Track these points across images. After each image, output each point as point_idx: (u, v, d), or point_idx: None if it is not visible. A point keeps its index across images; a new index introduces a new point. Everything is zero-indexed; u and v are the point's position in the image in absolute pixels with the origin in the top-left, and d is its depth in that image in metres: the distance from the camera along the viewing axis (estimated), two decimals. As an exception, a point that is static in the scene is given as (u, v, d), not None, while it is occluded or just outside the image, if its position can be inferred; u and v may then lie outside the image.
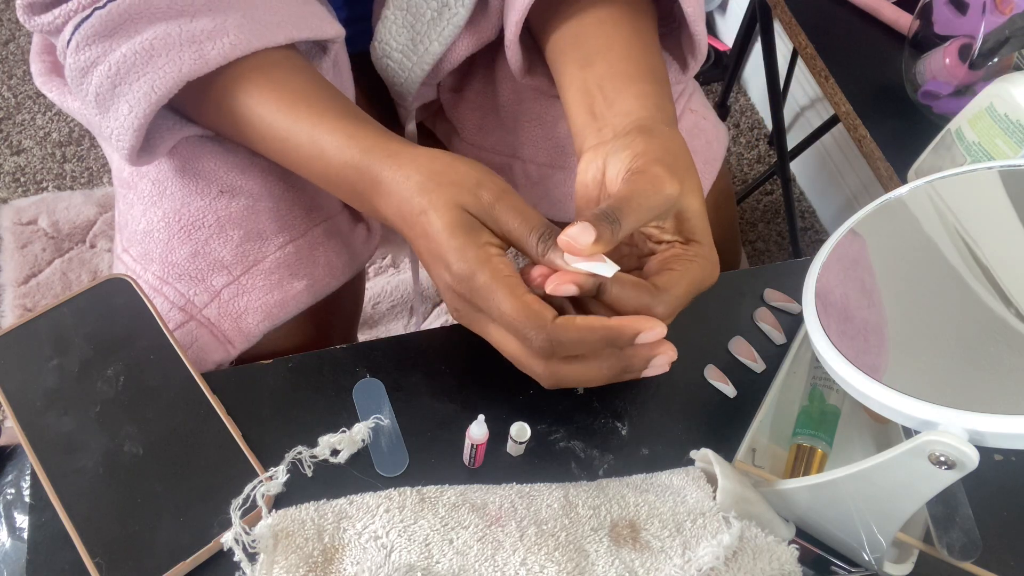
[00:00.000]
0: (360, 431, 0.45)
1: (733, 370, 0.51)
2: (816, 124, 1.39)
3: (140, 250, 0.54)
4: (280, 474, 0.43)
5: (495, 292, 0.39)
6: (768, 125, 1.65)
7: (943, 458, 0.33)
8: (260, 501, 0.42)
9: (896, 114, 0.75)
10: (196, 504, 0.42)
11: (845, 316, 0.41)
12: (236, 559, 0.40)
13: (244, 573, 0.40)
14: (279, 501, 0.43)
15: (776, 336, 0.53)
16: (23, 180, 1.49)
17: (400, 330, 1.34)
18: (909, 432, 0.44)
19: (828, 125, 1.35)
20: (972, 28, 0.69)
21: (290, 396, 0.48)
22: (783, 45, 1.46)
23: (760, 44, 1.22)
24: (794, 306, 0.54)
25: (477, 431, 0.43)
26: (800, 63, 1.42)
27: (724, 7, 1.73)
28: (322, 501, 0.42)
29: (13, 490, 0.52)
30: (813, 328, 0.41)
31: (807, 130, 1.43)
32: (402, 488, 0.43)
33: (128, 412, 0.44)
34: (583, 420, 0.48)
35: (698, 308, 0.52)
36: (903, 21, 0.80)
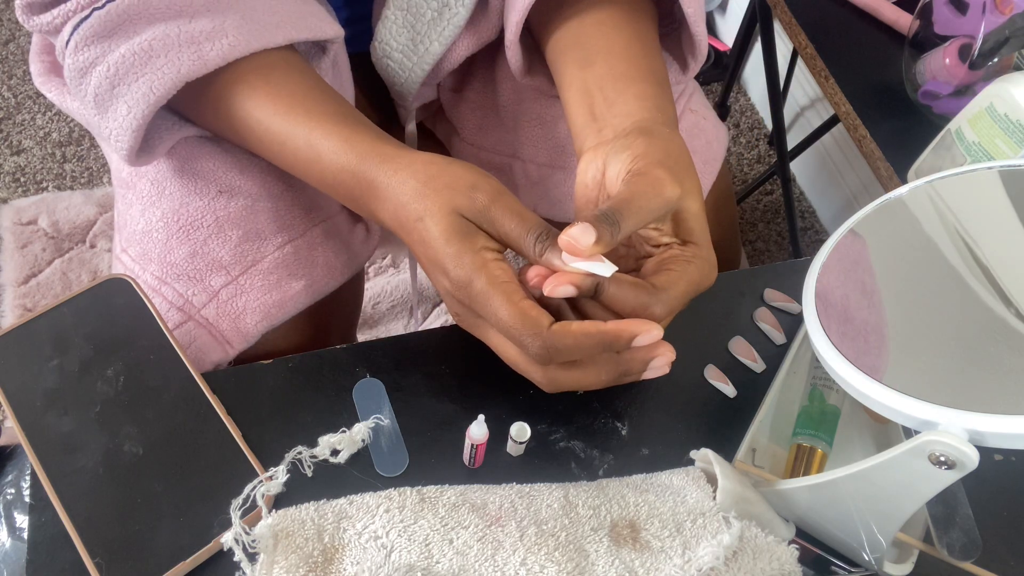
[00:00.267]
0: (360, 431, 0.45)
1: (733, 370, 0.51)
2: (816, 124, 1.39)
3: (139, 250, 0.54)
4: (280, 474, 0.43)
5: (492, 299, 0.39)
6: (768, 125, 1.65)
7: (943, 458, 0.33)
8: (260, 501, 0.42)
9: (896, 114, 0.75)
10: (196, 504, 0.42)
11: (845, 316, 0.41)
12: (236, 559, 0.40)
13: (244, 573, 0.40)
14: (279, 501, 0.43)
15: (776, 336, 0.53)
16: (23, 180, 1.49)
17: (400, 330, 1.34)
18: (909, 432, 0.44)
19: (828, 125, 1.35)
20: (972, 28, 0.69)
21: (290, 396, 0.48)
22: (783, 45, 1.46)
23: (760, 44, 1.22)
24: (794, 306, 0.54)
25: (477, 431, 0.43)
26: (800, 63, 1.42)
27: (724, 7, 1.73)
28: (322, 501, 0.42)
29: (13, 490, 0.52)
30: (813, 328, 0.41)
31: (807, 130, 1.43)
32: (402, 488, 0.43)
33: (128, 412, 0.44)
34: (583, 420, 0.48)
35: (698, 308, 0.52)
36: (903, 21, 0.80)
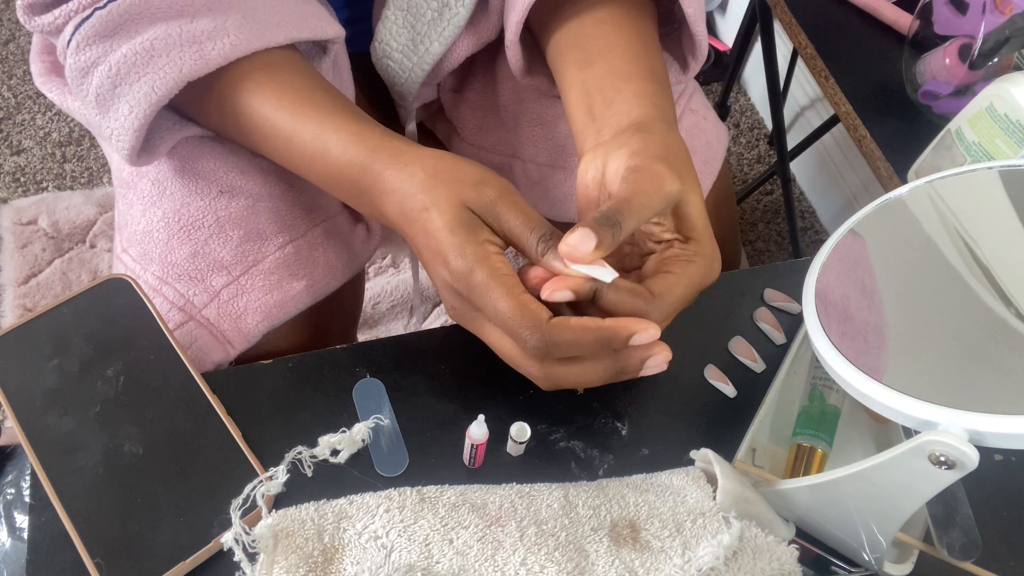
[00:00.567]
0: (360, 431, 0.45)
1: (733, 370, 0.51)
2: (816, 124, 1.39)
3: (139, 250, 0.54)
4: (280, 474, 0.43)
5: (492, 290, 0.39)
6: (768, 125, 1.65)
7: (943, 458, 0.33)
8: (260, 501, 0.42)
9: (896, 114, 0.75)
10: (196, 504, 0.42)
11: (845, 316, 0.41)
12: (236, 559, 0.40)
13: (244, 573, 0.40)
14: (279, 501, 0.43)
15: (776, 336, 0.53)
16: (23, 180, 1.49)
17: (400, 330, 1.34)
18: (909, 432, 0.44)
19: (828, 125, 1.35)
20: (972, 28, 0.69)
21: (290, 396, 0.48)
22: (783, 45, 1.46)
23: (760, 44, 1.22)
24: (794, 306, 0.54)
25: (477, 431, 0.43)
26: (800, 63, 1.42)
27: (724, 7, 1.73)
28: (322, 501, 0.42)
29: (13, 490, 0.52)
30: (813, 328, 0.41)
31: (807, 130, 1.43)
32: (402, 488, 0.43)
33: (128, 412, 0.44)
34: (583, 420, 0.48)
35: (698, 308, 0.52)
36: (903, 21, 0.80)
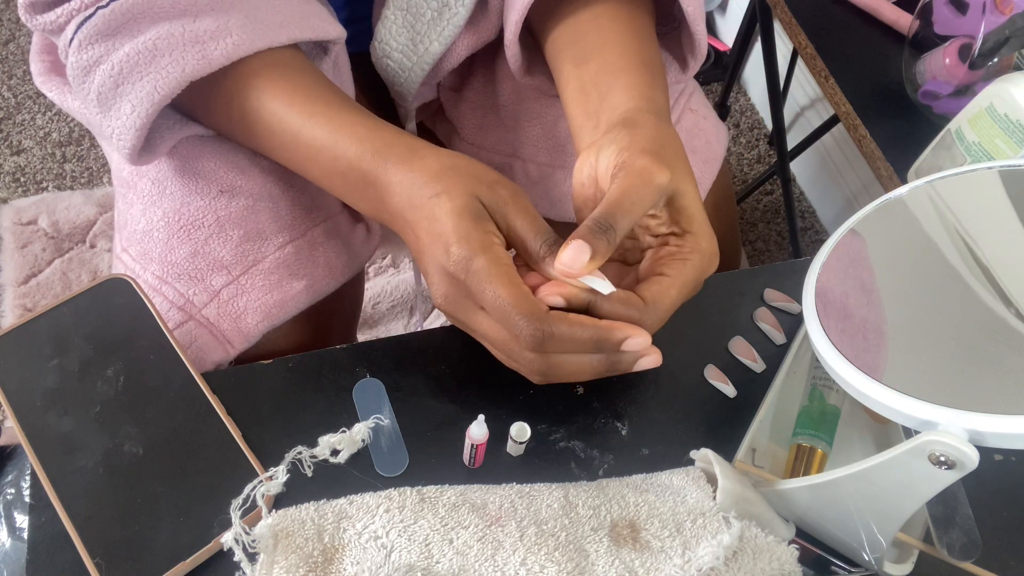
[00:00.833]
0: (360, 431, 0.45)
1: (733, 370, 0.51)
2: (816, 124, 1.39)
3: (139, 249, 0.54)
4: (280, 474, 0.43)
5: (493, 277, 0.39)
6: (768, 125, 1.65)
7: (943, 458, 0.33)
8: (260, 501, 0.42)
9: (896, 114, 0.75)
10: (196, 504, 0.42)
11: (845, 316, 0.41)
12: (236, 559, 0.40)
13: (244, 573, 0.40)
14: (279, 501, 0.43)
15: (776, 336, 0.53)
16: (23, 180, 1.49)
17: (400, 330, 1.34)
18: (909, 432, 0.44)
19: (828, 125, 1.35)
20: (972, 28, 0.69)
21: (290, 396, 0.48)
22: (783, 45, 1.46)
23: (760, 44, 1.22)
24: (794, 306, 0.54)
25: (477, 431, 0.43)
26: (800, 63, 1.42)
27: (724, 7, 1.73)
28: (322, 501, 0.42)
29: (13, 490, 0.52)
30: (813, 328, 0.41)
31: (807, 130, 1.43)
32: (402, 488, 0.43)
33: (128, 412, 0.44)
34: (583, 420, 0.48)
35: (698, 308, 0.52)
36: (903, 21, 0.80)
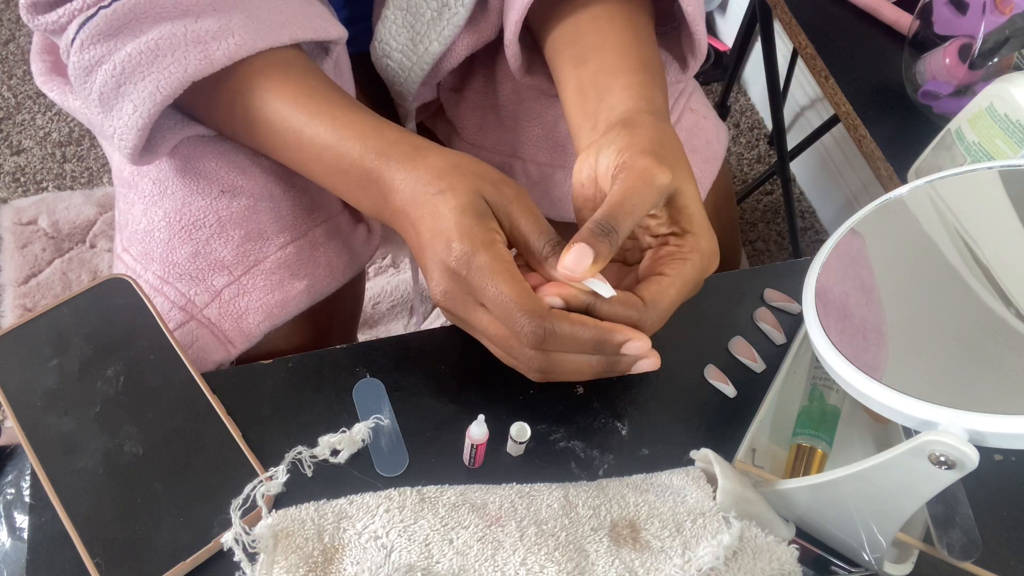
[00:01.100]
0: (360, 431, 0.45)
1: (733, 370, 0.51)
2: (816, 124, 1.39)
3: (141, 249, 0.54)
4: (280, 474, 0.43)
5: (496, 273, 0.39)
6: (768, 125, 1.65)
7: (943, 458, 0.33)
8: (260, 501, 0.42)
9: (896, 114, 0.75)
10: (196, 504, 0.42)
11: (845, 316, 0.41)
12: (236, 559, 0.40)
13: (244, 573, 0.40)
14: (279, 501, 0.43)
15: (776, 336, 0.53)
16: (23, 180, 1.49)
17: (400, 330, 1.34)
18: (909, 432, 0.44)
19: (828, 125, 1.35)
20: (972, 28, 0.69)
21: (290, 396, 0.48)
22: (783, 45, 1.46)
23: (760, 44, 1.22)
24: (794, 306, 0.54)
25: (477, 431, 0.43)
26: (800, 63, 1.42)
27: (724, 7, 1.73)
28: (322, 501, 0.42)
29: (13, 490, 0.52)
30: (813, 328, 0.41)
31: (807, 130, 1.43)
32: (402, 488, 0.43)
33: (128, 412, 0.44)
34: (583, 420, 0.48)
35: (698, 308, 0.52)
36: (903, 21, 0.80)
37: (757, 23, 1.23)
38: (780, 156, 1.28)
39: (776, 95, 1.22)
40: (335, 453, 0.45)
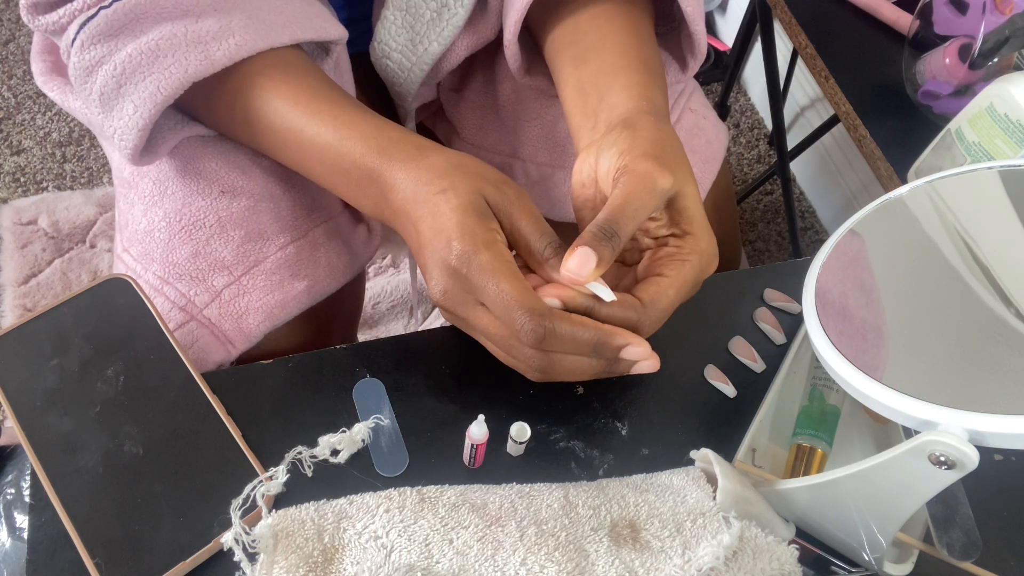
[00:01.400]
0: (360, 431, 0.45)
1: (733, 370, 0.51)
2: (816, 124, 1.39)
3: (141, 250, 0.54)
4: (280, 474, 0.43)
5: (496, 272, 0.39)
6: (768, 125, 1.65)
7: (943, 458, 0.33)
8: (260, 501, 0.42)
9: (896, 114, 0.75)
10: (196, 504, 0.42)
11: (845, 316, 0.41)
12: (236, 559, 0.40)
13: (244, 573, 0.40)
14: (279, 501, 0.43)
15: (776, 336, 0.53)
16: (23, 180, 1.49)
17: (400, 330, 1.34)
18: (909, 432, 0.44)
19: (828, 125, 1.35)
20: (972, 28, 0.69)
21: (290, 396, 0.48)
22: (783, 45, 1.46)
23: (760, 44, 1.22)
24: (794, 306, 0.54)
25: (477, 431, 0.43)
26: (800, 63, 1.42)
27: (724, 7, 1.73)
28: (322, 501, 0.42)
29: (13, 490, 0.52)
30: (813, 328, 0.41)
31: (807, 130, 1.43)
32: (402, 488, 0.43)
33: (128, 412, 0.44)
34: (583, 420, 0.48)
35: (698, 308, 0.52)
36: (903, 21, 0.80)
37: (757, 23, 1.23)
38: (780, 156, 1.28)
39: (776, 95, 1.22)
40: (335, 453, 0.45)
